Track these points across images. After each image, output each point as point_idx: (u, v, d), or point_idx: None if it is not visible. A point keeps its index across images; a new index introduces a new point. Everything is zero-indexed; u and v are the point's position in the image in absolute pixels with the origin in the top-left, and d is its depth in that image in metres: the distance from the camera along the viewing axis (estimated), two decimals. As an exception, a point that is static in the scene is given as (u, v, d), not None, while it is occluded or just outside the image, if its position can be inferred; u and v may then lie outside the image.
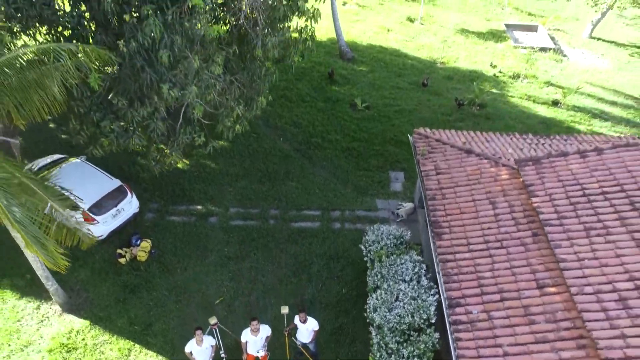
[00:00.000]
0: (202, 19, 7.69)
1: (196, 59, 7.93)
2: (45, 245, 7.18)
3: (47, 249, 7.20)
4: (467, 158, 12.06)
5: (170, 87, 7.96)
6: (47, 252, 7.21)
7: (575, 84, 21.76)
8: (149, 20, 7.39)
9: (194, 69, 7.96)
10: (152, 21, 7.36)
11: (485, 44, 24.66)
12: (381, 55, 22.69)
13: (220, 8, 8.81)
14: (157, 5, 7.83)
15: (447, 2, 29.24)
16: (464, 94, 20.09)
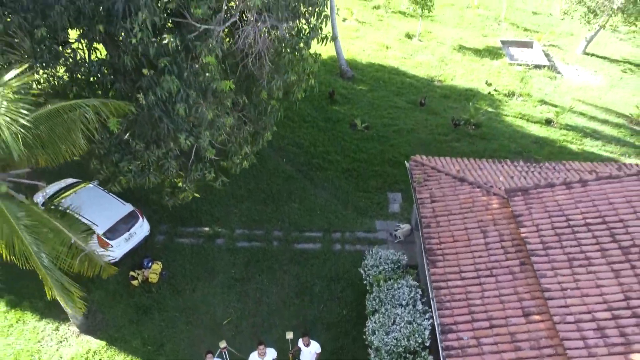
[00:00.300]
0: (215, 74, 8.43)
1: (209, 111, 8.68)
2: (68, 290, 7.88)
3: (70, 295, 7.89)
4: (460, 186, 12.78)
5: (186, 136, 8.73)
6: (70, 298, 7.91)
7: (568, 102, 22.51)
8: (166, 77, 8.13)
9: (208, 120, 8.73)
10: (170, 78, 8.09)
11: (481, 61, 25.37)
12: (380, 74, 23.40)
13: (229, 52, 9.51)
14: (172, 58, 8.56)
15: (445, 17, 29.92)
16: (460, 113, 20.81)
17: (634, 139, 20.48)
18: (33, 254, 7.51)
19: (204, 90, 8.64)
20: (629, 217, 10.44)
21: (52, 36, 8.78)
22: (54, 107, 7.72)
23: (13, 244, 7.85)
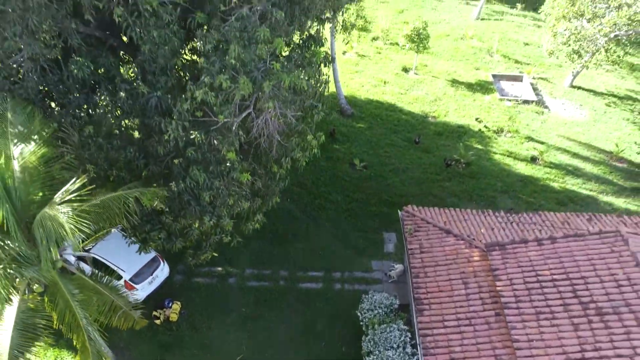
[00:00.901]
0: (235, 166, 10.10)
1: (230, 198, 10.37)
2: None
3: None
4: (446, 238, 14.43)
5: (210, 217, 10.41)
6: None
7: (553, 139, 24.14)
8: (194, 170, 9.80)
9: (229, 205, 10.44)
10: (197, 172, 9.76)
11: (473, 96, 26.99)
12: (378, 111, 25.05)
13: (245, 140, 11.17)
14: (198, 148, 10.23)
15: (440, 49, 31.54)
16: (452, 151, 22.45)
17: (612, 176, 22.08)
18: (82, 327, 9.13)
19: (225, 178, 10.30)
20: (589, 275, 12.08)
21: (97, 131, 10.43)
22: (105, 198, 9.38)
23: (64, 315, 9.48)
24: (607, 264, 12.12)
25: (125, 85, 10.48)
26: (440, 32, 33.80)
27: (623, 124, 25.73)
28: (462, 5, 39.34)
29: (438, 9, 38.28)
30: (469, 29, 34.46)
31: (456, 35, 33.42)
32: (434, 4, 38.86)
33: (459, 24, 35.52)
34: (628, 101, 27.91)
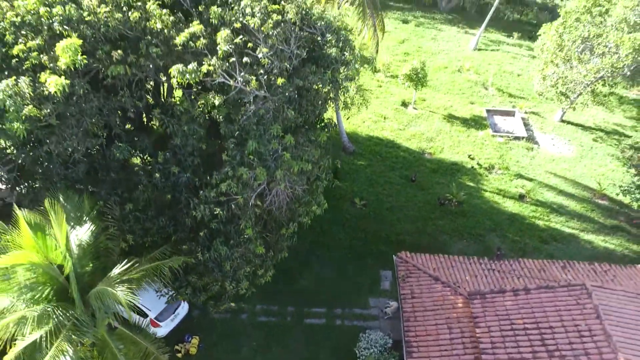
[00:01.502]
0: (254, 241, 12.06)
1: (248, 268, 12.31)
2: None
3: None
4: (434, 285, 16.31)
5: (230, 282, 12.34)
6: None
7: (541, 175, 25.94)
8: (217, 244, 11.74)
9: (247, 273, 12.40)
10: (221, 247, 11.69)
11: (467, 131, 28.81)
12: (378, 148, 26.92)
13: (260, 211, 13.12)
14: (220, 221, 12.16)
15: (438, 82, 33.36)
16: (445, 189, 24.29)
17: (594, 214, 23.86)
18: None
19: (243, 246, 12.24)
20: (556, 325, 13.92)
21: (135, 206, 12.38)
22: (147, 268, 11.32)
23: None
24: (572, 316, 13.94)
25: (159, 166, 12.43)
26: (439, 64, 35.64)
27: (608, 160, 27.47)
28: (461, 34, 41.18)
29: (437, 38, 40.10)
30: (466, 60, 36.28)
31: (454, 68, 35.22)
32: (433, 34, 40.69)
33: (457, 55, 37.33)
34: (614, 136, 29.65)
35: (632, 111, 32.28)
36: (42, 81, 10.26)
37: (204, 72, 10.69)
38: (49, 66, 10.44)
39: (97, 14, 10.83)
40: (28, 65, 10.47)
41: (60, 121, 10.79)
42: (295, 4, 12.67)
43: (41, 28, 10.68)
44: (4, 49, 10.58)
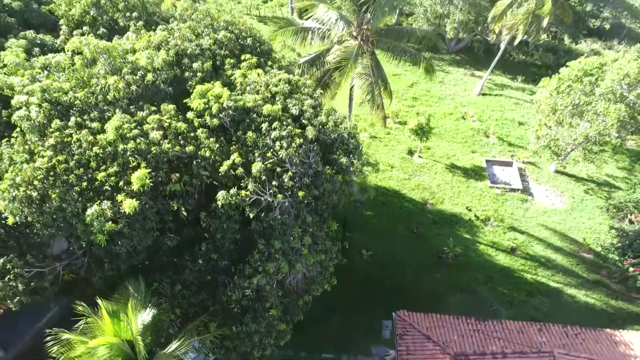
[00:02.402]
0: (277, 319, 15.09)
1: (272, 338, 15.34)
2: None
3: None
4: (426, 343, 19.13)
5: (257, 350, 15.38)
6: None
7: (533, 228, 28.51)
8: (248, 321, 14.72)
9: (271, 343, 15.49)
10: (250, 323, 14.68)
11: (467, 182, 31.48)
12: (384, 198, 29.74)
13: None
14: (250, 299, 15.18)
15: (442, 130, 36.04)
16: (444, 240, 27.02)
17: (578, 268, 26.40)
18: None
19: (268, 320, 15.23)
20: (526, 388, 16.67)
21: (184, 287, 15.44)
22: (192, 340, 14.38)
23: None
24: (540, 380, 16.69)
25: (202, 253, 15.48)
26: (445, 110, 38.32)
27: (596, 213, 29.92)
28: (468, 77, 43.79)
29: (445, 81, 42.76)
30: (471, 106, 38.95)
31: (458, 114, 37.87)
32: (441, 76, 43.32)
33: (462, 99, 39.96)
34: (605, 188, 32.06)
35: (625, 161, 34.61)
36: (118, 201, 13.37)
37: (242, 195, 13.72)
38: (123, 189, 13.54)
39: (161, 145, 13.92)
40: (107, 187, 13.59)
41: (129, 227, 13.90)
42: (315, 125, 15.65)
43: (118, 158, 13.77)
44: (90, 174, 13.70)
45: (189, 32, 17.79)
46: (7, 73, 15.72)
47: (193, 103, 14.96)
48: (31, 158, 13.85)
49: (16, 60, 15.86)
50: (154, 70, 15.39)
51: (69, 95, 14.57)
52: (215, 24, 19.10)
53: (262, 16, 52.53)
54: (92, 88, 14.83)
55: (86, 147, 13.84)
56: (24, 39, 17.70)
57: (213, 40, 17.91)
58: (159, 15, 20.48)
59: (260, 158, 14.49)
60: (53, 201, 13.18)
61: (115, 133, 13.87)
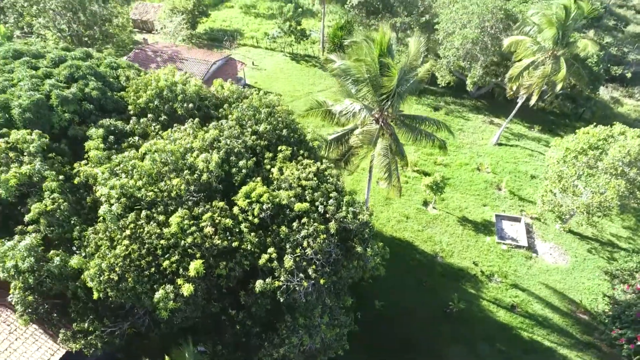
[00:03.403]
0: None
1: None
2: None
3: None
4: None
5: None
6: None
7: (534, 285, 31.01)
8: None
9: None
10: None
11: (477, 236, 34.13)
12: (398, 249, 32.70)
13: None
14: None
15: (457, 182, 38.71)
16: (451, 293, 29.83)
17: (573, 329, 28.80)
18: None
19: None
20: None
21: (224, 346, 18.96)
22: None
23: None
24: None
25: (238, 319, 18.93)
26: (461, 160, 40.97)
27: (596, 274, 32.13)
28: (486, 124, 46.26)
29: (464, 128, 45.36)
30: (486, 156, 41.47)
31: (474, 165, 40.45)
32: (461, 123, 45.96)
33: (479, 149, 42.50)
34: (609, 247, 34.16)
35: (631, 220, 36.54)
36: (178, 284, 16.94)
37: (275, 285, 17.11)
38: (182, 274, 17.12)
39: (213, 239, 17.42)
40: (170, 271, 17.17)
41: (185, 304, 17.46)
42: (337, 219, 18.91)
43: (178, 248, 17.35)
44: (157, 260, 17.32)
45: (236, 127, 21.28)
46: (91, 165, 19.56)
47: (239, 201, 18.45)
48: (112, 245, 17.59)
49: (98, 154, 19.69)
50: (208, 171, 18.94)
51: (142, 192, 18.26)
52: (257, 115, 22.55)
53: (294, 54, 56.09)
54: (160, 186, 18.49)
55: (154, 238, 17.47)
56: (101, 127, 21.59)
57: (256, 136, 21.36)
58: (210, 100, 24.06)
59: (291, 250, 17.84)
60: (128, 282, 16.86)
61: (177, 227, 17.46)
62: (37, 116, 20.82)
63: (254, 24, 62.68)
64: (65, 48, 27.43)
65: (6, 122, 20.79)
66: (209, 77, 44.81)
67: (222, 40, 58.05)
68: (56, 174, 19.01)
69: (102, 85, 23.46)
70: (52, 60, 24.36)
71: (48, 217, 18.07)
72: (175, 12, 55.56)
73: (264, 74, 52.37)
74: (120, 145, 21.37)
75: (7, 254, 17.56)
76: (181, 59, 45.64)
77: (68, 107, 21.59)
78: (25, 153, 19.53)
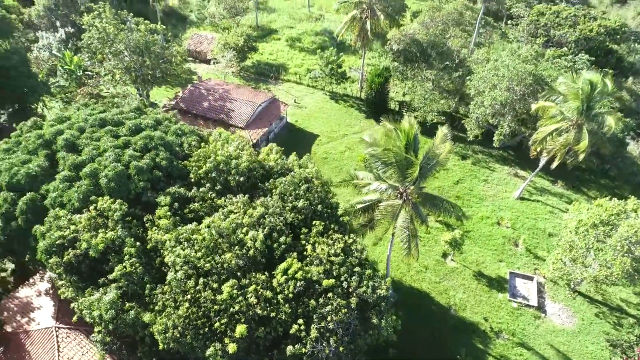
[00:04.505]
0: None
1: None
2: None
3: None
4: None
5: None
6: None
7: (540, 346, 33.62)
8: None
9: None
10: None
11: (490, 292, 36.92)
12: (415, 300, 35.96)
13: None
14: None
15: (477, 235, 41.40)
16: (460, 347, 32.87)
17: (570, 392, 31.33)
18: None
19: None
20: None
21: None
22: None
23: None
24: None
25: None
26: (483, 213, 43.66)
27: (601, 339, 34.36)
28: (511, 177, 48.61)
29: (489, 180, 47.92)
30: (507, 210, 43.98)
31: (494, 219, 43.05)
32: (486, 174, 48.53)
33: (501, 203, 45.01)
34: (616, 312, 36.21)
35: (642, 286, 38.31)
36: (225, 343, 21.09)
37: (303, 351, 21.00)
38: (229, 335, 21.26)
39: (255, 308, 21.49)
40: (220, 331, 21.35)
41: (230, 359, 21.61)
42: (358, 294, 22.62)
43: (228, 312, 21.51)
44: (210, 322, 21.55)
45: (278, 203, 25.29)
46: (160, 233, 24.05)
47: (277, 276, 22.46)
48: (175, 305, 21.97)
49: (167, 224, 24.15)
50: (255, 248, 23.04)
51: (201, 262, 22.56)
52: (297, 191, 26.48)
53: (334, 92, 59.91)
54: (215, 259, 22.74)
55: (209, 303, 21.72)
56: (168, 195, 26.10)
57: (295, 212, 25.31)
58: (258, 171, 28.17)
59: (317, 321, 21.68)
60: (187, 338, 21.18)
61: (228, 295, 21.65)
62: (119, 185, 25.53)
63: (298, 58, 66.92)
64: (137, 108, 32.35)
65: (95, 188, 25.61)
66: (255, 117, 49.29)
67: (268, 75, 62.58)
68: (133, 240, 23.59)
69: (170, 154, 28.04)
70: (130, 128, 29.17)
71: (127, 277, 22.64)
72: (227, 48, 60.46)
73: (305, 112, 56.51)
74: (183, 210, 25.83)
75: (94, 304, 22.25)
76: (231, 99, 50.31)
77: (142, 177, 26.22)
78: (110, 219, 24.23)
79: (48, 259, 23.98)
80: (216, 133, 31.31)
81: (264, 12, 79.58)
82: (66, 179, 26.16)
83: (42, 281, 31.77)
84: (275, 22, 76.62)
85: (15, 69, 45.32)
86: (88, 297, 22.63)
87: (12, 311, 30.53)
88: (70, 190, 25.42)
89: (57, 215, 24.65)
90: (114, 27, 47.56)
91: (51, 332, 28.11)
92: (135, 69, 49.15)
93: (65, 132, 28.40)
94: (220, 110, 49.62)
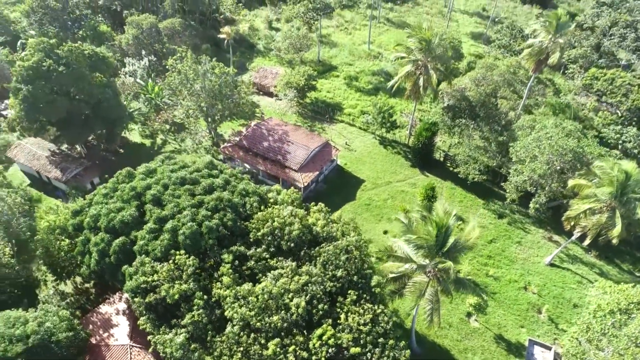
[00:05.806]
0: None
1: None
2: None
3: None
4: None
5: None
6: None
7: (547, 416, 36.34)
8: None
9: None
10: None
11: (507, 357, 39.82)
12: (436, 355, 39.51)
13: None
14: None
15: (503, 297, 44.17)
16: (471, 406, 36.27)
17: None
18: None
19: None
20: None
21: None
22: None
23: None
24: None
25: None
26: (511, 277, 46.28)
27: (610, 417, 36.47)
28: (545, 240, 50.67)
29: (522, 242, 50.25)
30: (536, 276, 46.33)
31: (522, 283, 45.55)
32: (520, 235, 50.88)
33: (531, 267, 47.35)
34: (630, 393, 38.04)
35: (662, 370, 39.79)
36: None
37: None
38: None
39: None
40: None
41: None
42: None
43: None
44: None
45: (320, 272, 29.99)
46: (223, 288, 29.43)
47: (313, 340, 27.16)
48: (230, 354, 27.21)
49: (228, 282, 29.51)
50: (298, 313, 27.87)
51: (253, 320, 27.69)
52: (337, 261, 31.05)
53: (383, 137, 63.86)
54: (265, 319, 27.78)
55: (257, 356, 26.81)
56: (231, 253, 31.49)
57: (334, 280, 29.91)
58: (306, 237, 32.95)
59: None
60: (239, 382, 26.36)
61: (272, 352, 26.62)
62: (193, 242, 31.22)
63: (353, 98, 71.32)
64: (210, 162, 38.13)
65: (174, 242, 31.44)
66: (308, 160, 54.31)
67: (323, 115, 67.50)
68: (202, 294, 29.11)
69: (235, 215, 33.47)
70: (204, 188, 34.90)
71: (194, 324, 28.18)
72: (289, 87, 65.94)
73: (354, 155, 60.94)
74: (242, 267, 31.12)
75: (167, 343, 27.95)
76: (288, 142, 55.64)
77: (212, 235, 31.77)
78: (184, 272, 29.90)
79: (133, 298, 30.03)
80: (274, 192, 36.53)
81: (326, 47, 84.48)
82: (151, 230, 32.18)
83: (120, 301, 38.33)
84: (336, 58, 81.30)
85: (108, 101, 52.91)
86: (162, 335, 28.38)
87: (95, 325, 37.23)
88: (155, 242, 31.40)
89: (143, 262, 30.67)
90: (194, 73, 54.13)
91: (126, 349, 34.43)
92: (208, 109, 55.60)
93: (152, 188, 34.55)
94: (278, 151, 55.06)
